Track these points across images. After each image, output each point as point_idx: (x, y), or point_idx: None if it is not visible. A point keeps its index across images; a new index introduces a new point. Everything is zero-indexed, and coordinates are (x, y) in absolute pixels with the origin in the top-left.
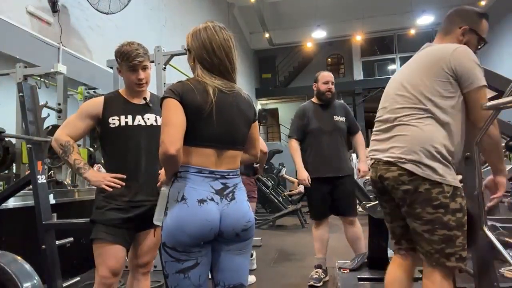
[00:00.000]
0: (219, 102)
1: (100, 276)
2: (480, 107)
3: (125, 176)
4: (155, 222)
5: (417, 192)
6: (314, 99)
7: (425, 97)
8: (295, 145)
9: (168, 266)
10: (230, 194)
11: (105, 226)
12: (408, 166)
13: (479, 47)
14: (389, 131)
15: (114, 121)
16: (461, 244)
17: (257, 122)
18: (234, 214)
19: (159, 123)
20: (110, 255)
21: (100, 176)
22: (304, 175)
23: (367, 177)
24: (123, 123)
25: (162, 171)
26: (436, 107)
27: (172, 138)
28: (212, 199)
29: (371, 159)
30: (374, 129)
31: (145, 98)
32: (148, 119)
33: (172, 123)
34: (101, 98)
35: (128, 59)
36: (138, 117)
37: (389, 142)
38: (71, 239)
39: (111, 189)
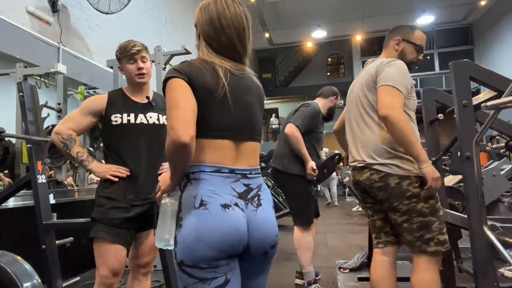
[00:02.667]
0: (232, 84)
1: (100, 275)
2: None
3: (127, 169)
4: (157, 244)
5: (390, 187)
6: (322, 109)
7: (367, 106)
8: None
9: None
10: (256, 199)
11: (105, 225)
12: (376, 166)
13: (419, 54)
14: (355, 139)
15: (116, 119)
16: (437, 228)
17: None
18: (263, 226)
19: (161, 122)
20: (110, 255)
21: (104, 167)
22: (313, 164)
23: None
24: (125, 121)
25: (161, 177)
26: (374, 112)
27: (184, 123)
28: (236, 204)
29: (349, 165)
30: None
31: (147, 97)
32: (151, 117)
33: (182, 105)
34: (105, 95)
35: (126, 50)
36: (141, 116)
37: (357, 149)
38: (71, 239)
39: (116, 179)
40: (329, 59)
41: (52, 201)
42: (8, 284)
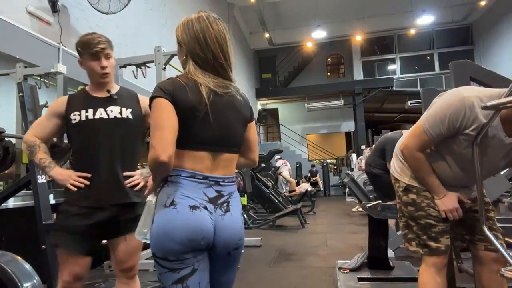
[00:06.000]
0: (214, 102)
1: (63, 281)
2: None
3: (90, 175)
4: (136, 236)
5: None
6: None
7: None
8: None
9: (164, 278)
10: (225, 205)
11: (66, 233)
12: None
13: None
14: None
15: (75, 117)
16: (419, 232)
17: (254, 122)
18: (228, 229)
19: (124, 115)
20: (72, 262)
21: (65, 174)
22: None
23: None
24: (83, 118)
25: (150, 178)
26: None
27: (164, 144)
28: (205, 208)
29: None
30: None
31: (108, 90)
32: (112, 111)
33: (164, 126)
34: (66, 97)
35: (90, 47)
36: (100, 110)
37: None
38: None
39: (75, 189)
40: (329, 59)
41: (52, 201)
42: (8, 284)
